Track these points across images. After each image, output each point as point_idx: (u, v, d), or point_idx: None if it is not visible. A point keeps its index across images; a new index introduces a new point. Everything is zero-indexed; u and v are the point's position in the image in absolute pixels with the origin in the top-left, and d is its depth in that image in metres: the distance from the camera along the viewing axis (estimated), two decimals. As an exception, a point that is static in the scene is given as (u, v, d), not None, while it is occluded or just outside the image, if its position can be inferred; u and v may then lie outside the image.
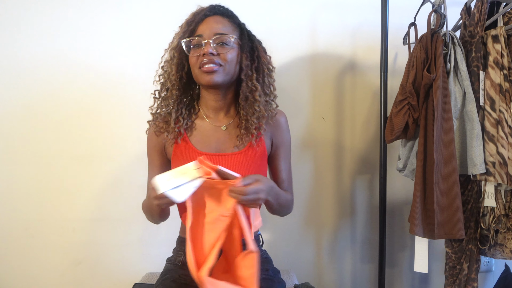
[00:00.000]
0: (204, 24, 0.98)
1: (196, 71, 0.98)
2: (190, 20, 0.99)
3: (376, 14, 1.31)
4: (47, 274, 1.51)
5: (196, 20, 0.98)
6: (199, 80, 0.99)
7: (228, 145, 1.05)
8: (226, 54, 0.97)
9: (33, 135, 1.48)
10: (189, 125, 1.06)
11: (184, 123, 1.04)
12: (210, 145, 1.04)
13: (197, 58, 0.97)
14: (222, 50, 0.97)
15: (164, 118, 1.05)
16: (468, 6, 1.21)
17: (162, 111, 1.05)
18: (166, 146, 1.06)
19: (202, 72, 0.96)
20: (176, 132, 1.03)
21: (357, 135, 1.53)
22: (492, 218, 1.16)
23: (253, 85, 1.01)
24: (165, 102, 1.04)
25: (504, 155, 1.11)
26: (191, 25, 0.98)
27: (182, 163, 1.00)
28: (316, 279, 1.57)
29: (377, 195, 1.35)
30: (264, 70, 1.05)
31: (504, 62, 1.13)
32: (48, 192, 1.49)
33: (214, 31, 0.96)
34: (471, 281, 1.21)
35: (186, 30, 0.98)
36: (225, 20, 1.00)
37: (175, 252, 1.14)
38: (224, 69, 0.97)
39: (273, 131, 1.09)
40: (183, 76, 1.03)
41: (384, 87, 1.29)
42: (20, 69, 1.46)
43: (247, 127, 1.02)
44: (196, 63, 0.97)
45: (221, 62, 0.96)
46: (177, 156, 1.04)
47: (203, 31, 0.97)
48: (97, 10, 1.46)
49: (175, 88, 1.02)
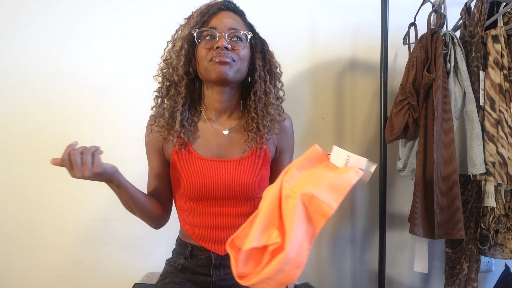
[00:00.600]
0: (218, 17, 0.94)
1: (206, 63, 0.92)
2: (204, 11, 0.94)
3: (376, 14, 1.31)
4: (47, 274, 1.51)
5: (210, 12, 0.94)
6: (209, 74, 0.93)
7: (230, 150, 1.01)
8: (239, 51, 0.93)
9: (33, 135, 1.48)
10: (191, 128, 1.01)
11: (187, 127, 0.98)
12: (212, 150, 1.00)
13: (208, 51, 0.92)
14: (236, 45, 0.93)
15: (167, 120, 0.97)
16: (468, 6, 1.21)
17: (166, 112, 0.97)
18: (165, 147, 1.03)
19: (213, 63, 0.91)
20: (180, 138, 0.98)
21: (357, 135, 1.53)
22: (492, 218, 1.16)
23: (267, 86, 0.99)
24: (169, 101, 0.98)
25: (504, 155, 1.11)
26: (205, 16, 0.93)
27: (182, 167, 0.98)
28: (316, 279, 1.57)
29: (377, 195, 1.35)
30: (275, 73, 1.03)
31: (504, 62, 1.13)
32: (48, 192, 1.49)
33: (229, 25, 0.93)
34: (471, 281, 1.21)
35: (198, 21, 0.93)
36: (238, 17, 0.97)
37: (174, 253, 1.12)
38: (236, 64, 0.93)
39: (278, 136, 1.06)
40: (190, 71, 0.97)
41: (384, 87, 1.29)
42: (20, 69, 1.46)
43: (259, 129, 0.98)
44: (206, 55, 0.92)
45: (234, 57, 0.92)
46: (177, 160, 1.00)
47: (217, 24, 0.93)
48: (96, 11, 1.46)
49: (182, 84, 0.96)
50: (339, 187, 0.72)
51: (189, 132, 1.00)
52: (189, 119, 1.00)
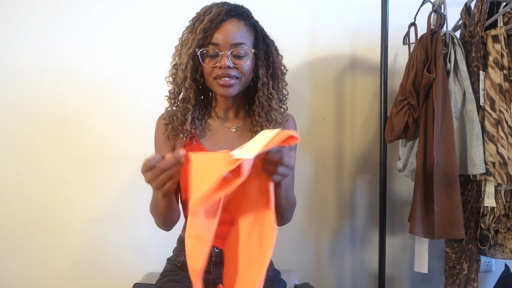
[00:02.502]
0: (220, 30, 0.94)
1: (211, 81, 0.96)
2: (207, 27, 0.94)
3: (376, 14, 1.31)
4: (47, 274, 1.51)
5: (212, 26, 0.94)
6: (214, 90, 0.98)
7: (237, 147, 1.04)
8: (243, 67, 0.95)
9: (33, 135, 1.48)
10: (202, 124, 1.05)
11: (198, 124, 1.03)
12: (220, 146, 1.03)
13: (212, 69, 0.95)
14: (239, 62, 0.94)
15: (179, 120, 1.01)
16: (468, 6, 1.21)
17: (179, 113, 1.00)
18: (176, 144, 1.05)
19: (218, 85, 0.95)
20: (192, 134, 1.02)
21: (357, 135, 1.53)
22: (492, 218, 1.16)
23: (269, 93, 1.01)
24: (181, 104, 1.01)
25: (504, 155, 1.11)
26: (207, 31, 0.94)
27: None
28: (316, 279, 1.57)
29: (377, 195, 1.35)
30: (278, 75, 1.04)
31: (504, 62, 1.13)
32: (48, 192, 1.49)
33: (231, 40, 0.93)
34: (471, 281, 1.21)
35: (201, 37, 0.94)
36: (241, 23, 0.96)
37: (175, 252, 1.13)
38: (240, 81, 0.96)
39: None
40: (197, 79, 1.01)
41: (384, 87, 1.29)
42: (20, 69, 1.46)
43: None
44: (211, 73, 0.95)
45: (237, 75, 0.95)
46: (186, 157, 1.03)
47: (220, 40, 0.93)
48: (96, 10, 1.46)
49: (191, 90, 0.99)
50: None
51: (200, 127, 1.04)
52: (199, 116, 1.04)
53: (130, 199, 1.48)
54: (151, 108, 1.26)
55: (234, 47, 0.93)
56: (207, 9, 0.97)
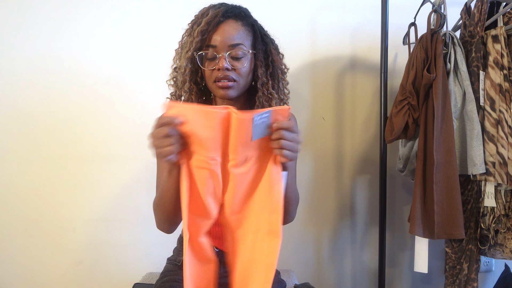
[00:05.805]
0: (218, 32, 0.94)
1: (211, 84, 0.97)
2: (204, 29, 0.94)
3: (376, 14, 1.31)
4: (47, 274, 1.51)
5: (210, 29, 0.94)
6: (214, 92, 0.98)
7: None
8: (241, 69, 0.95)
9: (33, 135, 1.48)
10: None
11: None
12: None
13: (212, 72, 0.95)
14: (237, 63, 0.94)
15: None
16: (468, 6, 1.21)
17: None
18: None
19: (217, 87, 0.95)
20: None
21: (357, 135, 1.53)
22: (492, 218, 1.16)
23: (269, 93, 1.00)
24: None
25: (504, 155, 1.11)
26: (205, 33, 0.94)
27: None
28: (316, 279, 1.57)
29: (377, 195, 1.35)
30: (278, 75, 1.03)
31: (504, 62, 1.13)
32: (48, 192, 1.49)
33: (228, 42, 0.93)
34: (471, 281, 1.21)
35: (199, 40, 0.94)
36: (239, 24, 0.96)
37: (175, 251, 1.13)
38: (238, 84, 0.96)
39: None
40: (198, 81, 1.01)
41: (384, 87, 1.29)
42: (20, 69, 1.46)
43: None
44: (210, 76, 0.96)
45: (235, 77, 0.95)
46: None
47: (218, 42, 0.93)
48: (96, 11, 1.46)
49: (193, 93, 1.00)
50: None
51: None
52: None
53: (130, 199, 1.48)
54: (152, 109, 1.26)
55: (232, 48, 0.93)
56: (204, 11, 0.97)
